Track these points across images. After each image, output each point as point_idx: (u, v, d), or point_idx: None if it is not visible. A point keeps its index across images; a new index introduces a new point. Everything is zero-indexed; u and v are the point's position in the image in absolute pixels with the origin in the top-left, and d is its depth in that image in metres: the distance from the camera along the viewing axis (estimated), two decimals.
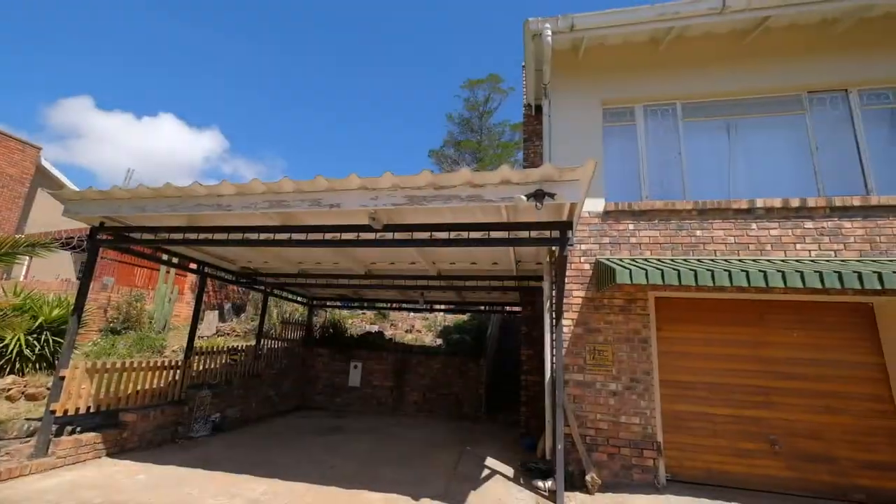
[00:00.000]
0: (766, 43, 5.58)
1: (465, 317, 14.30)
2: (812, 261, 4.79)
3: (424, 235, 4.62)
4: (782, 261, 4.87)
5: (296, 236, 4.86)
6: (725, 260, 5.00)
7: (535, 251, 6.04)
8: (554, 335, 5.16)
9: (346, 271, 7.76)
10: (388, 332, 13.68)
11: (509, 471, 5.61)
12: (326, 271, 7.92)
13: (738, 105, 5.70)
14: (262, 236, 4.94)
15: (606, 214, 5.63)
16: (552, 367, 5.53)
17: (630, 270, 4.34)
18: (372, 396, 10.33)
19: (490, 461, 6.04)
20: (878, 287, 3.80)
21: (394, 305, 12.52)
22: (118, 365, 6.02)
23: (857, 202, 4.92)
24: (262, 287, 9.20)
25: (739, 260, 4.99)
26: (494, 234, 4.55)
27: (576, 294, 5.52)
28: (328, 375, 10.64)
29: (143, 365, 6.39)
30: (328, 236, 4.80)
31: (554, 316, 5.19)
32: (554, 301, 5.24)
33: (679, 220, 5.38)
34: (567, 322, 5.45)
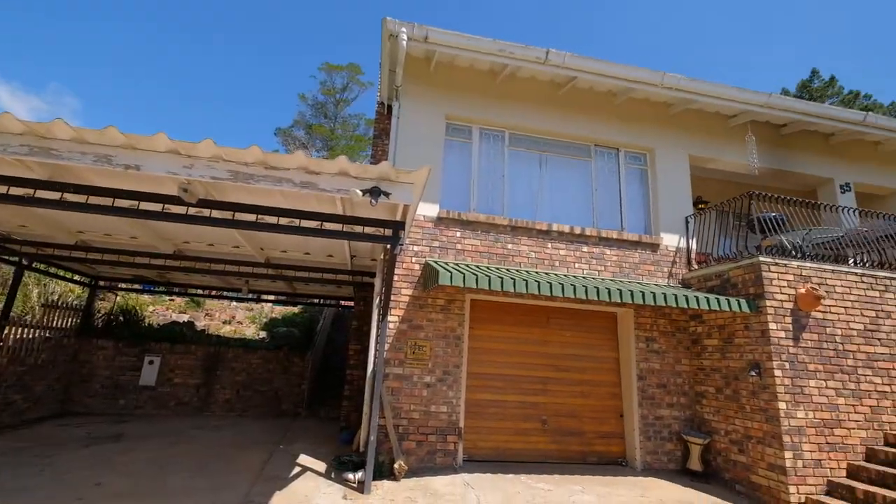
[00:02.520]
0: (574, 98, 6.88)
1: (295, 309, 13.54)
2: (584, 277, 6.09)
3: (250, 217, 4.23)
4: (565, 275, 6.05)
5: (71, 197, 3.87)
6: (527, 271, 5.96)
7: (370, 247, 6.13)
8: (379, 330, 5.32)
9: (148, 248, 6.52)
10: (202, 323, 12.01)
11: (322, 466, 5.53)
12: (119, 246, 6.52)
13: (550, 144, 6.88)
14: (16, 191, 3.79)
15: (439, 220, 6.09)
16: (375, 361, 5.69)
17: (451, 273, 4.80)
18: (171, 396, 8.89)
19: (303, 458, 5.86)
20: (619, 300, 5.08)
21: (212, 293, 11.05)
22: None
23: (615, 235, 6.47)
24: (16, 258, 7.03)
25: (537, 272, 6.01)
26: (329, 226, 4.46)
27: (404, 292, 5.80)
28: (111, 373, 8.73)
29: None
30: (121, 203, 3.98)
31: (381, 312, 5.35)
32: (383, 297, 5.41)
33: (497, 234, 6.19)
34: (393, 318, 5.68)
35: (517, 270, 5.92)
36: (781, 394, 4.82)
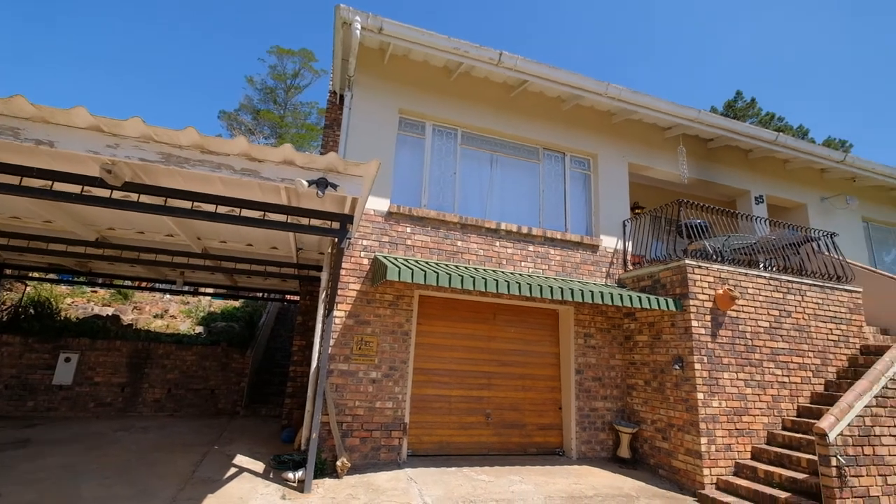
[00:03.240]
0: (525, 101, 7.08)
1: (237, 303, 12.89)
2: (530, 275, 6.31)
3: (185, 205, 3.97)
4: (512, 273, 6.24)
5: None
6: (475, 268, 6.07)
7: (317, 240, 5.97)
8: (324, 325, 5.20)
9: (66, 234, 5.92)
10: (130, 317, 11.10)
11: (260, 467, 5.33)
12: (30, 230, 5.87)
13: (501, 145, 7.04)
14: None
15: (390, 215, 6.05)
16: (319, 356, 5.56)
17: (400, 269, 4.79)
18: (90, 396, 8.15)
19: (240, 459, 5.61)
20: (561, 298, 5.32)
21: (142, 285, 10.24)
22: None
23: (559, 236, 6.76)
24: None
25: (485, 269, 6.14)
26: (272, 217, 4.30)
27: (352, 287, 5.71)
28: (18, 372, 7.86)
29: None
30: (31, 183, 3.58)
31: (327, 306, 5.23)
32: (329, 292, 5.30)
33: (447, 230, 6.25)
34: (340, 313, 5.58)
35: (466, 267, 6.01)
36: (700, 385, 5.28)
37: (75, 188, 3.67)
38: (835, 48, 55.29)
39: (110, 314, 10.63)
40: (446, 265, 5.87)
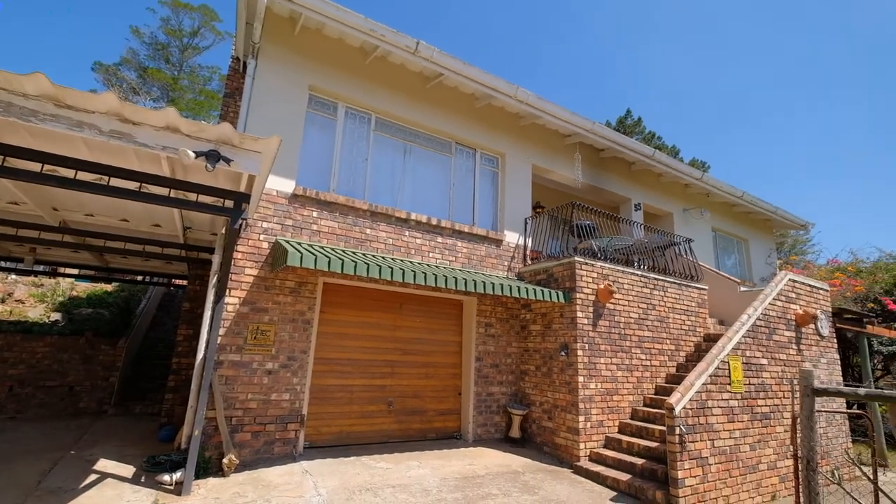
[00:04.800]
0: (441, 94, 7.17)
1: (109, 287, 11.20)
2: (437, 266, 6.46)
3: (33, 167, 3.33)
4: (420, 263, 6.32)
5: None
6: (383, 257, 6.04)
7: (209, 220, 5.44)
8: (214, 312, 4.77)
9: None
10: None
11: (129, 471, 4.75)
12: None
13: (415, 135, 7.06)
14: None
15: (294, 198, 5.72)
16: (207, 346, 5.09)
17: (302, 254, 4.57)
18: None
19: (104, 464, 4.94)
20: (466, 289, 5.54)
21: None
22: None
23: (466, 229, 7.02)
24: None
25: (393, 259, 6.14)
26: (152, 189, 3.80)
27: (249, 272, 5.32)
28: None
29: None
30: None
31: (217, 292, 4.80)
32: (220, 276, 4.86)
33: (356, 217, 6.11)
34: (233, 300, 5.17)
35: (374, 256, 5.95)
36: (581, 369, 5.91)
37: None
38: (709, 82, 65.18)
39: None
40: (354, 253, 5.75)
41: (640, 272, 6.89)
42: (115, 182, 3.53)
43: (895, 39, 61.63)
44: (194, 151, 3.13)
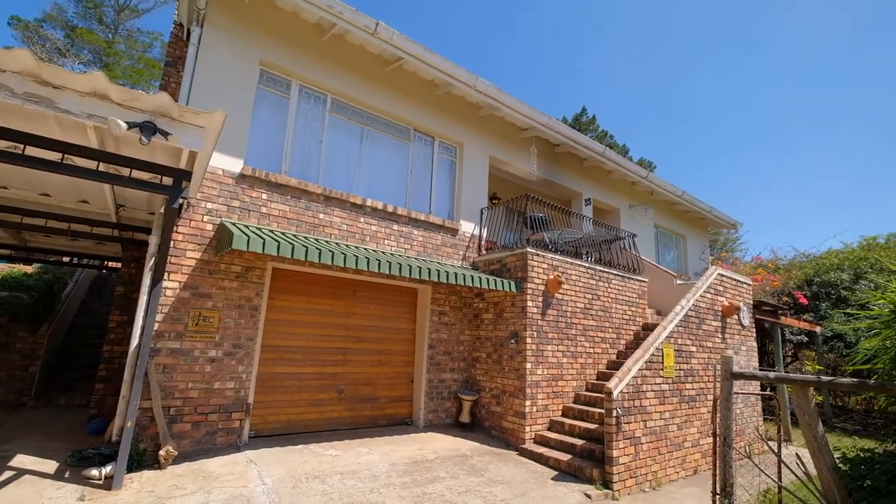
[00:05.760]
0: (401, 79, 7.05)
1: (28, 268, 10.19)
2: (391, 254, 6.42)
3: None
4: (374, 250, 6.25)
5: None
6: (336, 243, 5.91)
7: (146, 198, 5.08)
8: (150, 297, 4.48)
9: None
10: None
11: (52, 466, 4.40)
12: None
13: (373, 119, 6.91)
14: None
15: (242, 178, 5.45)
16: (142, 333, 4.78)
17: (249, 238, 4.38)
18: None
19: (22, 459, 4.54)
20: (420, 277, 5.56)
21: None
22: None
23: (423, 217, 7.01)
24: None
25: (347, 245, 6.03)
26: (76, 161, 3.48)
27: (191, 255, 5.03)
28: None
29: None
30: None
31: (154, 275, 4.50)
32: (157, 259, 4.55)
33: (308, 201, 5.92)
34: (173, 284, 4.88)
35: (327, 241, 5.81)
36: (529, 356, 6.14)
37: None
38: (662, 83, 68.56)
39: None
40: (305, 238, 5.58)
41: (587, 264, 7.22)
42: (32, 151, 3.19)
43: (824, 37, 67.61)
44: (126, 122, 2.88)
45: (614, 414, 5.04)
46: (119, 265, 8.05)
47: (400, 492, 4.24)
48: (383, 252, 6.33)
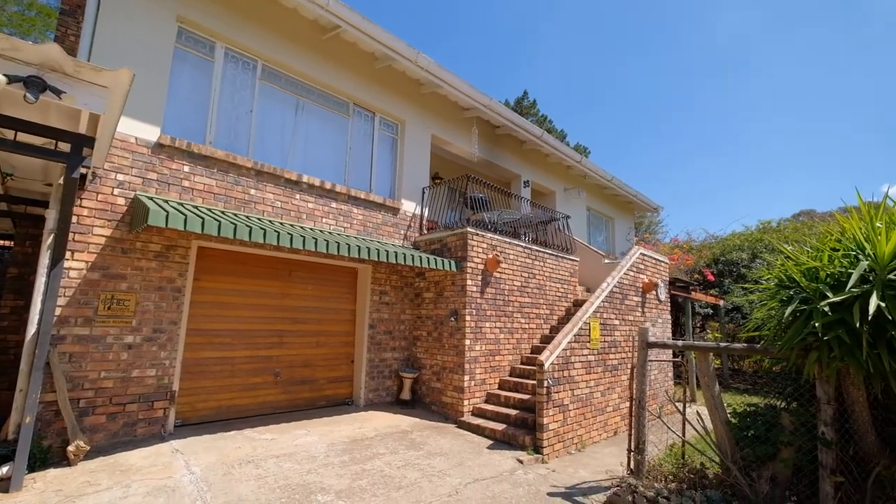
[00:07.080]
0: (339, 49, 6.71)
1: None
2: (330, 232, 6.22)
3: None
4: (311, 229, 6.02)
5: None
6: (270, 221, 5.61)
7: (42, 166, 4.46)
8: (49, 279, 3.98)
9: None
10: None
11: None
12: None
13: (310, 91, 6.54)
14: None
15: (160, 147, 4.95)
16: (41, 319, 4.26)
17: (168, 213, 4.02)
18: None
19: None
20: (359, 257, 5.45)
21: None
22: None
23: (363, 195, 6.84)
24: None
25: (281, 223, 5.74)
26: None
27: (99, 232, 4.53)
28: None
29: None
30: None
31: (54, 255, 4.00)
32: (58, 235, 4.03)
33: (237, 175, 5.53)
34: (79, 265, 4.38)
35: (259, 219, 5.49)
36: (468, 333, 6.32)
37: None
38: (604, 71, 71.26)
39: None
40: (235, 215, 5.23)
41: (524, 244, 7.50)
42: None
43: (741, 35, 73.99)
44: (6, 75, 2.48)
45: (545, 384, 5.37)
46: (11, 243, 7.04)
47: (338, 470, 4.24)
48: (321, 231, 6.11)
